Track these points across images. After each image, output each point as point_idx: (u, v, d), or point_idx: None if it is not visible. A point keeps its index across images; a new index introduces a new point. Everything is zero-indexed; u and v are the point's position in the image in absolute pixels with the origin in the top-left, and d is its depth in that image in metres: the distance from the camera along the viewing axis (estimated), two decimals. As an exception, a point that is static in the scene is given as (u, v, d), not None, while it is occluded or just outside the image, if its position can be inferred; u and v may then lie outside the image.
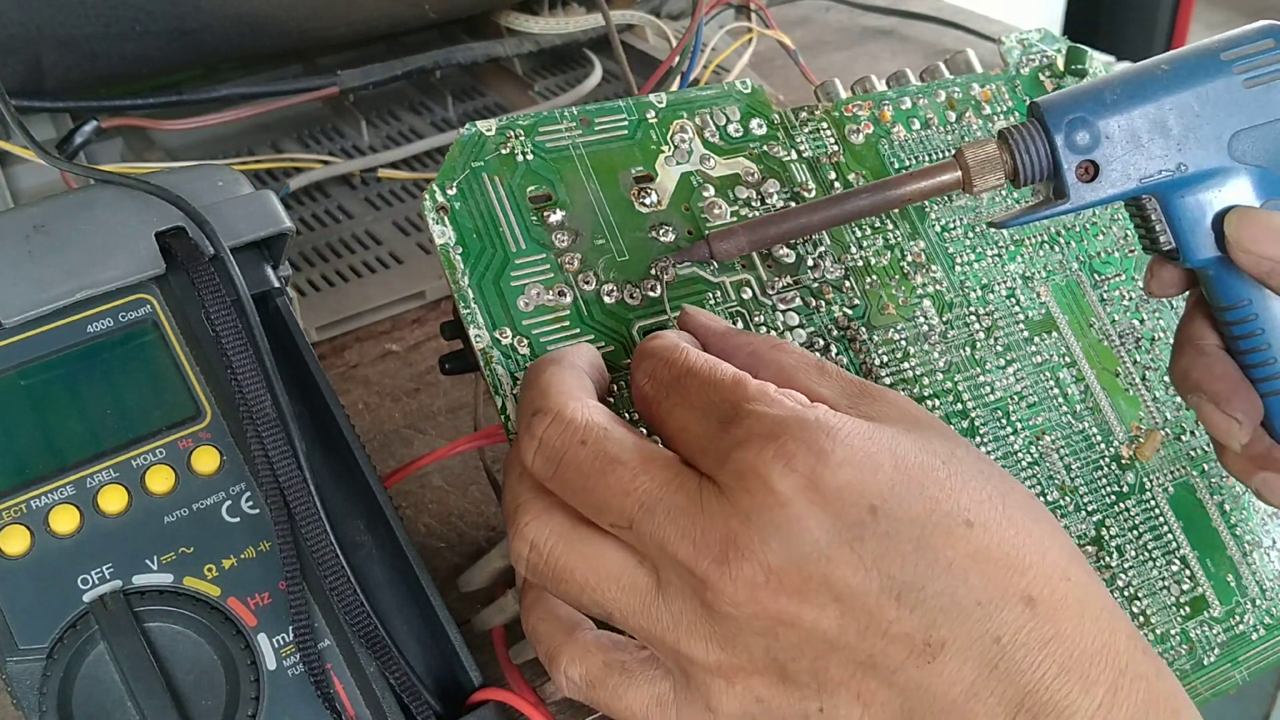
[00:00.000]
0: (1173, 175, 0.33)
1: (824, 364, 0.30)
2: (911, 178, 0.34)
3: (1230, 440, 0.35)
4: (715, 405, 0.28)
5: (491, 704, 0.32)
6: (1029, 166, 0.32)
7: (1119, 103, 0.32)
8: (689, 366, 0.29)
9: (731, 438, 0.27)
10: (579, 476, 0.28)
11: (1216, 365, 0.35)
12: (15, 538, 0.30)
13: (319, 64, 0.67)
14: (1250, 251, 0.32)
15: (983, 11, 0.83)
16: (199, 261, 0.33)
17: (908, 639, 0.26)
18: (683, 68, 0.57)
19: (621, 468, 0.27)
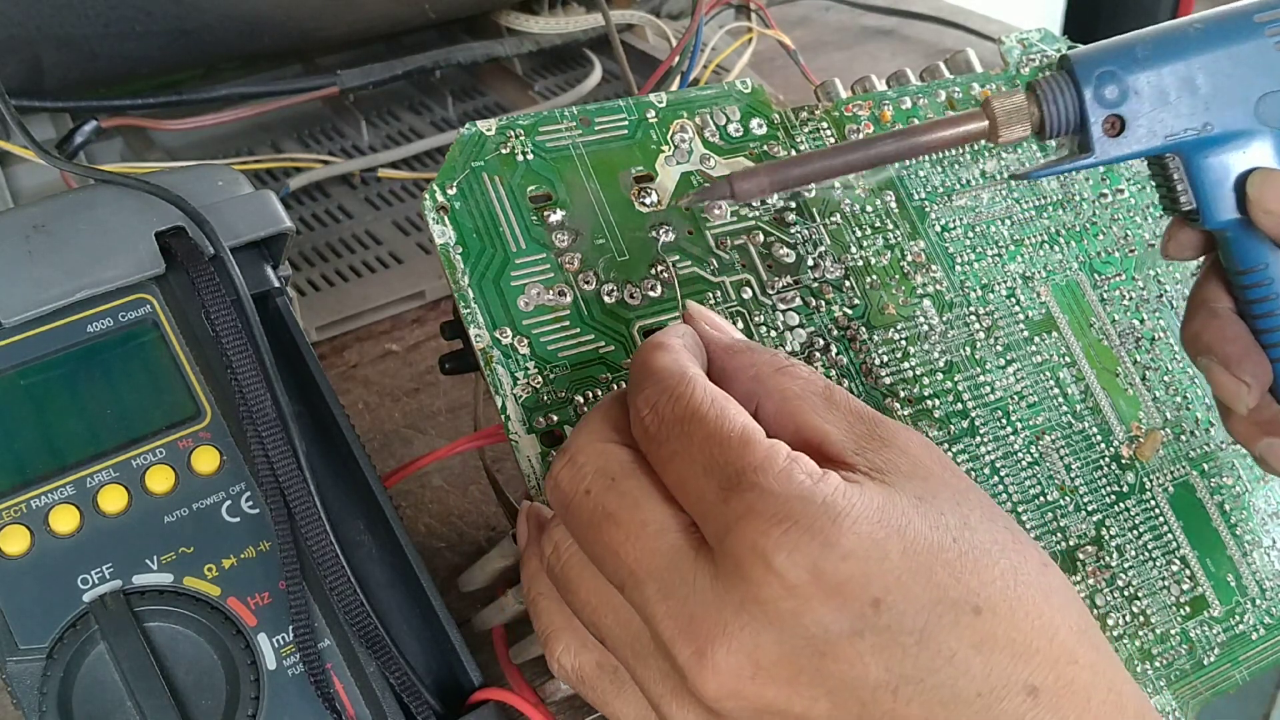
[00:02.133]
0: (1198, 134, 0.32)
1: (832, 392, 0.29)
2: (937, 125, 0.33)
3: (1237, 404, 0.35)
4: (718, 465, 0.26)
5: (491, 704, 0.32)
6: (1056, 118, 0.32)
7: (1149, 58, 0.32)
8: (694, 409, 0.27)
9: (732, 511, 0.25)
10: (579, 526, 0.27)
11: (1229, 328, 0.35)
12: (15, 538, 0.30)
13: (319, 64, 0.67)
14: (1272, 212, 0.32)
15: (983, 11, 0.83)
16: (199, 261, 0.33)
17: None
18: (683, 67, 0.57)
19: (616, 528, 0.26)
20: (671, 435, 0.27)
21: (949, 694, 0.25)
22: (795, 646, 0.25)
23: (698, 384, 0.27)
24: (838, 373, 0.37)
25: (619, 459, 0.28)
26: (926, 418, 0.38)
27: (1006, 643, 0.25)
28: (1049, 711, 0.25)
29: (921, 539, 0.25)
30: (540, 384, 0.33)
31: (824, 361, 0.37)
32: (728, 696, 0.25)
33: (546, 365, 0.34)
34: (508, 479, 0.43)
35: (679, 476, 0.27)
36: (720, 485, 0.26)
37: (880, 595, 0.25)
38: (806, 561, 0.24)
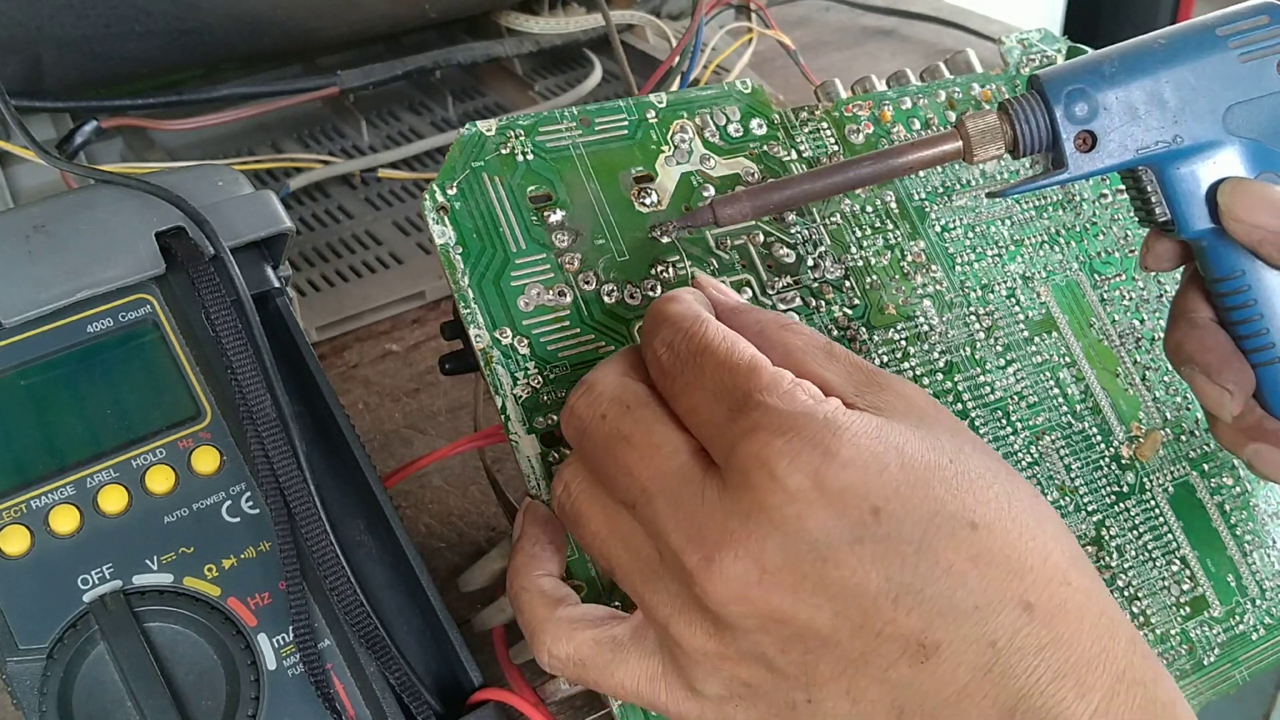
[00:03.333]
0: (1169, 147, 0.33)
1: (832, 347, 0.30)
2: (913, 147, 0.34)
3: (1221, 411, 0.35)
4: (727, 390, 0.27)
5: (491, 704, 0.32)
6: (1028, 137, 0.33)
7: (1117, 75, 0.33)
8: (707, 343, 0.28)
9: (739, 428, 0.27)
10: (594, 450, 0.29)
11: (1209, 338, 0.35)
12: (15, 538, 0.30)
13: (319, 64, 0.67)
14: (1242, 220, 0.33)
15: (983, 11, 0.83)
16: (199, 261, 0.33)
17: (902, 640, 0.26)
18: (683, 68, 0.57)
19: (629, 449, 0.28)
20: (685, 368, 0.28)
21: (946, 604, 0.26)
22: (798, 552, 0.25)
23: (710, 323, 0.29)
24: (838, 373, 0.37)
25: (634, 390, 0.29)
26: (926, 418, 0.38)
27: (1002, 559, 0.26)
28: (1043, 627, 0.26)
29: (919, 457, 0.27)
30: (540, 384, 0.33)
31: (824, 361, 0.37)
32: (734, 601, 0.26)
33: (546, 365, 0.34)
34: (508, 479, 0.43)
35: (691, 404, 0.28)
36: (729, 407, 0.27)
37: (879, 504, 0.26)
38: (808, 469, 0.25)
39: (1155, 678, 0.27)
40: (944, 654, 0.26)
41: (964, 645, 0.25)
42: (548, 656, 0.30)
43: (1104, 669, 0.26)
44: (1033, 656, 0.26)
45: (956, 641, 0.26)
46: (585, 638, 0.30)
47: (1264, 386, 0.35)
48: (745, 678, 0.27)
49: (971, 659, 0.25)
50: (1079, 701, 0.25)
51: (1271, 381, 0.35)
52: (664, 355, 0.29)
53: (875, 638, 0.26)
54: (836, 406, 0.27)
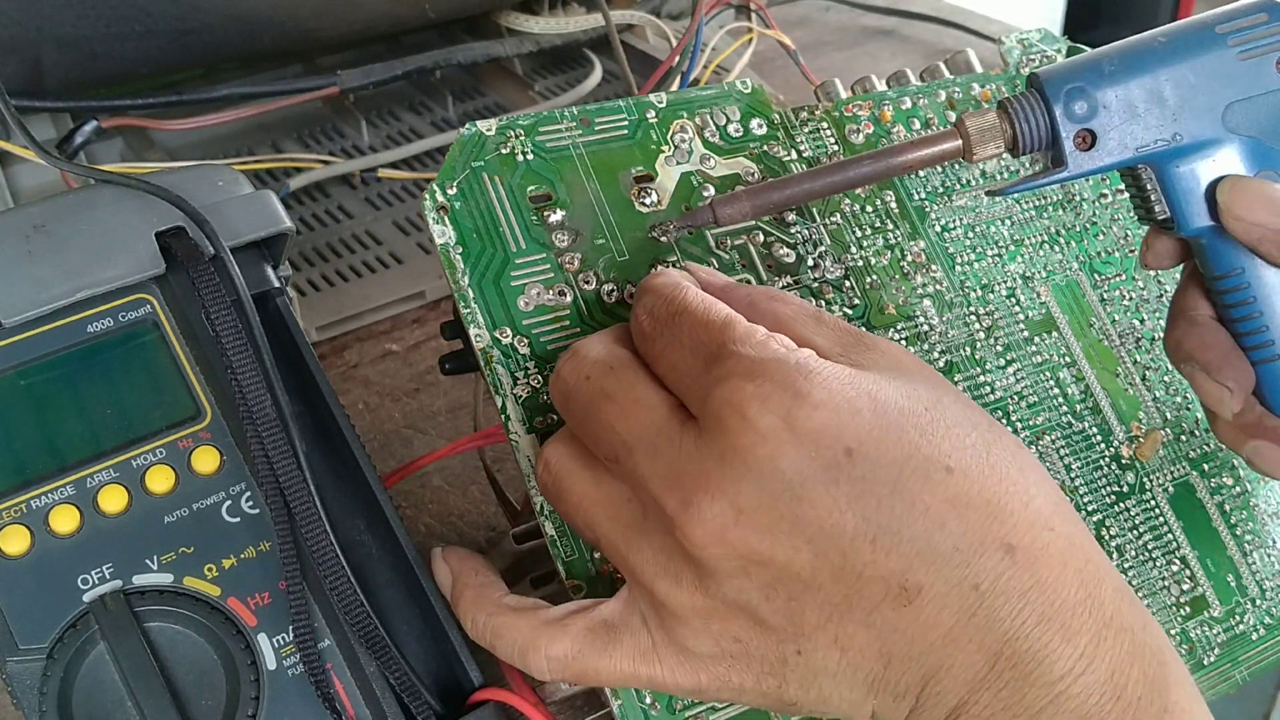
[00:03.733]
0: (1168, 145, 0.33)
1: (821, 314, 0.30)
2: (913, 146, 0.34)
3: (1222, 409, 0.35)
4: (703, 344, 0.28)
5: (491, 704, 0.32)
6: (1028, 135, 0.33)
7: (1116, 73, 0.33)
8: (685, 304, 0.29)
9: (712, 376, 0.27)
10: (579, 410, 0.29)
11: (1208, 335, 0.35)
12: (15, 538, 0.30)
13: (319, 64, 0.67)
14: (1242, 219, 0.33)
15: (983, 11, 0.83)
16: (199, 261, 0.33)
17: (883, 582, 0.26)
18: (683, 68, 0.57)
19: (612, 405, 0.29)
20: (664, 329, 0.29)
21: (925, 546, 0.26)
22: (773, 492, 0.26)
23: (689, 289, 0.30)
24: (838, 373, 0.37)
25: (618, 353, 0.30)
26: (926, 418, 0.38)
27: (981, 502, 0.26)
28: (1026, 571, 0.26)
29: (893, 402, 0.27)
30: (540, 384, 0.33)
31: (824, 361, 0.37)
32: (713, 543, 0.26)
33: (546, 365, 0.34)
34: (508, 479, 0.43)
35: (670, 362, 0.29)
36: (704, 360, 0.28)
37: (853, 445, 0.26)
38: (779, 410, 0.26)
39: (1143, 624, 0.27)
40: (926, 596, 0.26)
41: (946, 588, 0.26)
42: (545, 661, 0.30)
43: (1090, 614, 0.26)
44: (1017, 600, 0.26)
45: (938, 584, 0.26)
46: (577, 628, 0.30)
47: (1264, 384, 0.35)
48: (734, 632, 0.27)
49: (955, 602, 0.26)
50: (1065, 645, 0.25)
51: (1271, 378, 0.35)
52: (645, 321, 0.30)
53: (857, 580, 0.26)
54: (810, 354, 0.27)
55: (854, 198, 0.40)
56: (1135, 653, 0.26)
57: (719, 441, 0.26)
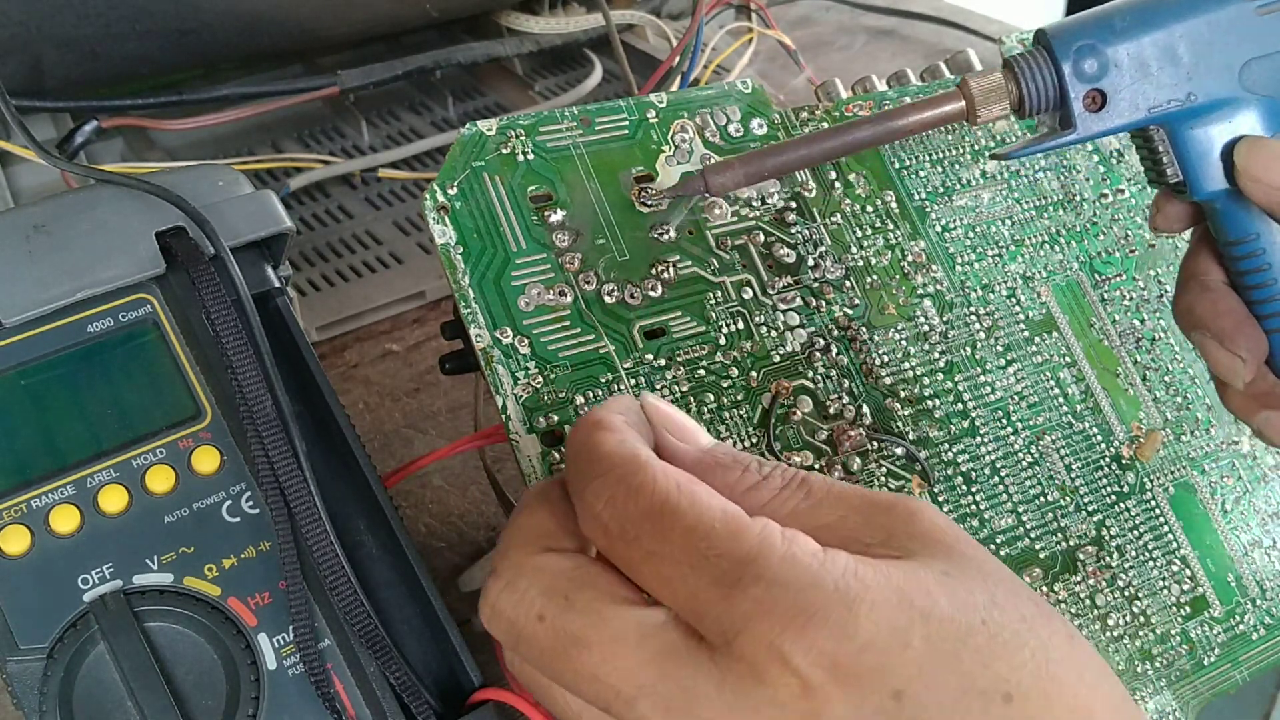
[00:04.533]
0: (1182, 105, 0.32)
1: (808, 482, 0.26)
2: (914, 108, 0.33)
3: (1234, 378, 0.34)
4: (708, 561, 0.24)
5: (491, 704, 0.32)
6: (1035, 95, 0.32)
7: (1129, 30, 0.31)
8: (663, 501, 0.24)
9: (738, 609, 0.23)
10: (540, 658, 0.25)
11: (1221, 301, 0.34)
12: (15, 538, 0.30)
13: (319, 64, 0.67)
14: (1260, 181, 0.31)
15: (983, 11, 0.83)
16: (199, 261, 0.33)
17: None
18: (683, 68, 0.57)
19: (589, 653, 0.24)
20: (642, 533, 0.24)
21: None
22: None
23: (655, 470, 0.25)
24: (838, 373, 0.37)
25: (564, 571, 0.25)
26: (927, 418, 0.38)
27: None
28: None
29: (948, 623, 0.24)
30: (541, 384, 0.33)
31: (824, 361, 0.37)
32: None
33: (547, 365, 0.34)
34: (508, 479, 0.43)
35: (661, 578, 0.24)
36: (716, 582, 0.24)
37: (902, 686, 0.23)
38: (824, 659, 0.23)
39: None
40: None
41: None
42: None
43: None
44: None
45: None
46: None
47: (1276, 352, 0.34)
48: None
49: None
50: None
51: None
52: (606, 517, 0.25)
53: None
54: (845, 568, 0.24)
55: (854, 198, 0.40)
56: None
57: (753, 693, 0.23)
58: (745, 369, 0.36)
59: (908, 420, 0.38)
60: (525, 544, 0.26)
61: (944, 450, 0.38)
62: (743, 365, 0.36)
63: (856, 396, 0.37)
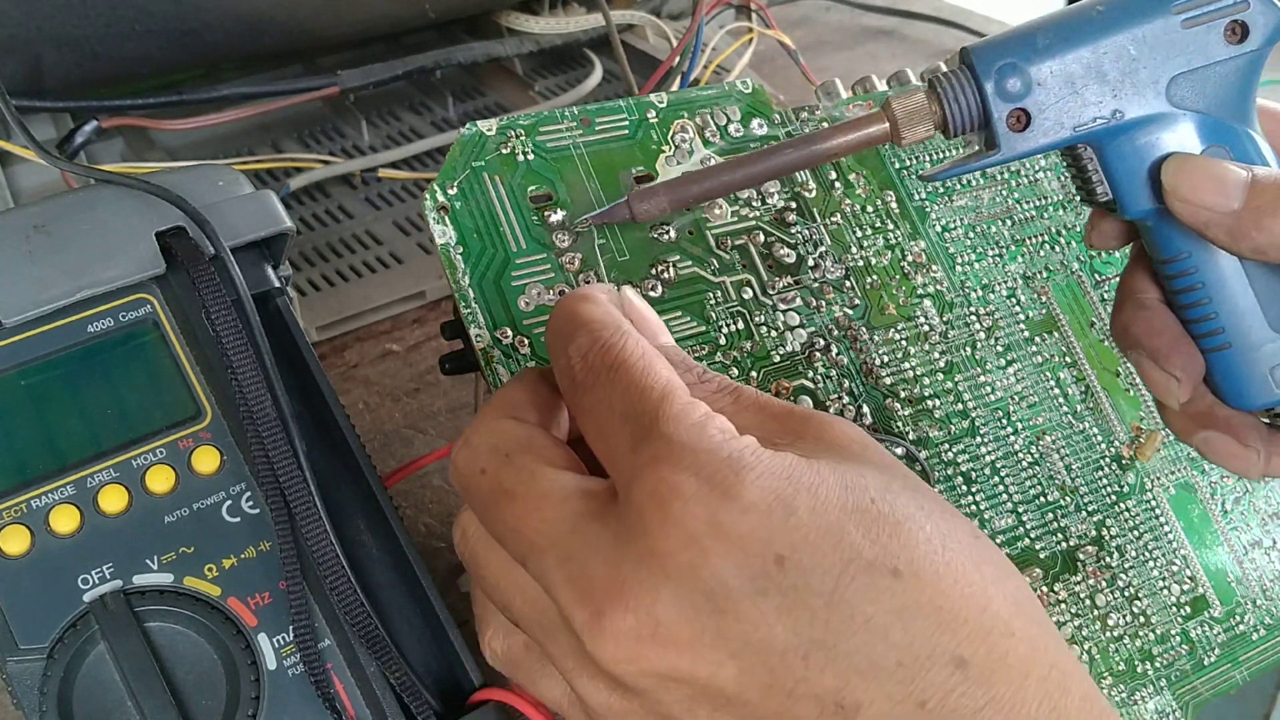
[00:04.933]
0: (1108, 123, 0.31)
1: (739, 391, 0.28)
2: (839, 131, 0.32)
3: (1168, 398, 0.33)
4: (636, 414, 0.25)
5: (491, 704, 0.32)
6: (958, 116, 0.31)
7: (1051, 47, 0.30)
8: (624, 359, 0.26)
9: (639, 459, 0.25)
10: (478, 506, 0.27)
11: (1156, 320, 0.33)
12: (15, 538, 0.30)
13: (319, 64, 0.67)
14: (1188, 201, 0.30)
15: (983, 11, 0.83)
16: (199, 261, 0.33)
17: (817, 700, 0.23)
18: (683, 68, 0.57)
19: (512, 503, 0.26)
20: (597, 382, 0.26)
21: (865, 662, 0.23)
22: (694, 603, 0.23)
23: (630, 337, 0.27)
24: (838, 373, 0.37)
25: (513, 434, 0.27)
26: (927, 418, 0.38)
27: (931, 610, 0.24)
28: (979, 686, 0.24)
29: (834, 498, 0.24)
30: (540, 384, 0.33)
31: (824, 361, 0.37)
32: (626, 660, 0.24)
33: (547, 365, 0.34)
34: (508, 479, 0.43)
35: (598, 424, 0.26)
36: (633, 433, 0.25)
37: (784, 552, 0.23)
38: (704, 511, 0.23)
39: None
40: (865, 715, 0.23)
41: (888, 705, 0.23)
42: (489, 651, 0.29)
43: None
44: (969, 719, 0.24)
45: (879, 701, 0.23)
46: (518, 641, 0.29)
47: (1213, 372, 0.33)
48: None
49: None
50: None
51: (1221, 367, 0.33)
52: (577, 365, 0.27)
53: (787, 697, 0.24)
54: (747, 445, 0.25)
55: (854, 198, 0.40)
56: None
57: (637, 543, 0.24)
58: (745, 369, 0.36)
59: (908, 420, 0.38)
60: (492, 411, 0.28)
61: (944, 450, 0.38)
62: (743, 365, 0.36)
63: (856, 396, 0.37)
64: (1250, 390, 0.33)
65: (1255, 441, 0.34)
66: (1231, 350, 0.32)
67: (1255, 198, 0.30)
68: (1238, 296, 0.32)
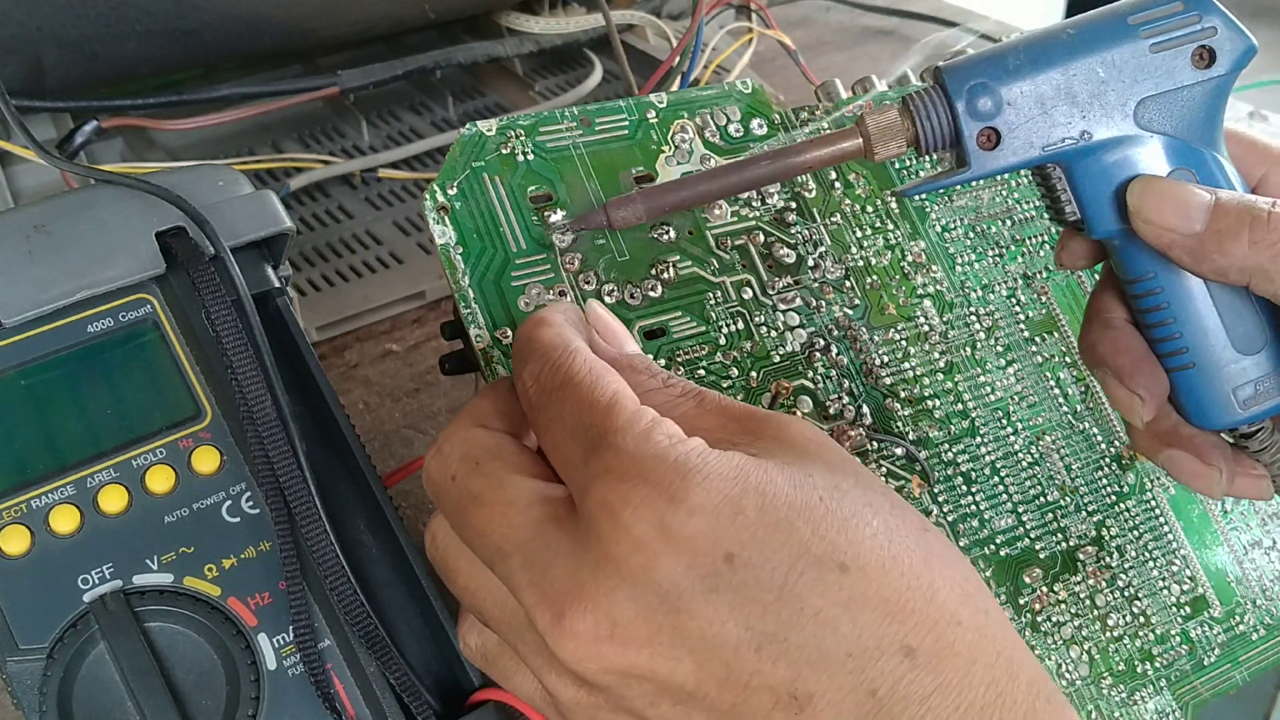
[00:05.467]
0: (1076, 144, 0.31)
1: (703, 395, 0.29)
2: (812, 145, 0.33)
3: (1133, 417, 0.34)
4: (585, 429, 0.26)
5: (491, 704, 0.32)
6: (930, 133, 0.31)
7: (1022, 68, 0.31)
8: (571, 376, 0.27)
9: (590, 470, 0.26)
10: (449, 511, 0.28)
11: (1121, 340, 0.34)
12: (15, 538, 0.30)
13: (319, 64, 0.67)
14: (1151, 222, 0.31)
15: (983, 12, 0.83)
16: (199, 261, 0.33)
17: (771, 691, 0.24)
18: (683, 68, 0.57)
19: (480, 508, 0.27)
20: (549, 401, 0.27)
21: (815, 653, 0.24)
22: (649, 603, 0.24)
23: (579, 355, 0.28)
24: (838, 373, 0.37)
25: (482, 443, 0.28)
26: (927, 418, 0.38)
27: (878, 602, 0.25)
28: (927, 673, 0.24)
29: (782, 496, 0.25)
30: (540, 384, 0.33)
31: (824, 361, 0.37)
32: (587, 659, 0.25)
33: (547, 365, 0.33)
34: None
35: (553, 441, 0.27)
36: (584, 447, 0.26)
37: (734, 550, 0.24)
38: (653, 517, 0.24)
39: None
40: (819, 705, 0.24)
41: (839, 695, 0.24)
42: (464, 646, 0.30)
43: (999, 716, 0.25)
44: (918, 705, 0.24)
45: (831, 691, 0.24)
46: (493, 637, 0.29)
47: (1178, 391, 0.34)
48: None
49: (851, 709, 0.24)
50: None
51: (1186, 386, 0.33)
52: (531, 388, 0.28)
53: (744, 689, 0.24)
54: (693, 448, 0.26)
55: (854, 198, 0.40)
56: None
57: (594, 547, 0.25)
58: (745, 369, 0.36)
59: (907, 420, 0.38)
60: (463, 420, 0.29)
61: (944, 450, 0.38)
62: (743, 365, 0.36)
63: (856, 396, 0.37)
64: (1214, 410, 0.33)
65: (1218, 460, 0.34)
66: (1195, 370, 0.33)
67: (1217, 221, 0.30)
68: (1202, 317, 0.32)
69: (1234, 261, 0.30)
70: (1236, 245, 0.30)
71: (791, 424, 0.28)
